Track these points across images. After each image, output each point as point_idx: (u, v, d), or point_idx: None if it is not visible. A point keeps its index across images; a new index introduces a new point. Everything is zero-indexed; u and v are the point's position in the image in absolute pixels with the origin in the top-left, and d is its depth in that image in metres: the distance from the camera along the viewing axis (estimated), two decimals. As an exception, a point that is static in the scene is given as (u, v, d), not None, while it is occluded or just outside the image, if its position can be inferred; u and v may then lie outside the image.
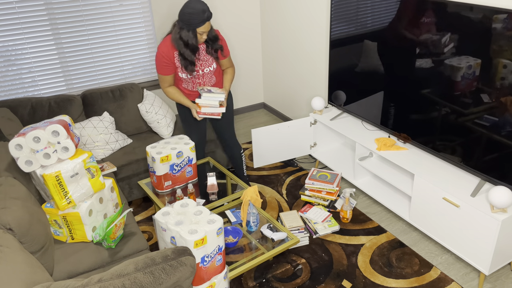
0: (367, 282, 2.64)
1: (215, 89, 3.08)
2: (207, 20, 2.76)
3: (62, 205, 2.34)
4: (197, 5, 2.72)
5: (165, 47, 2.88)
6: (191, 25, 2.75)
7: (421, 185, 2.78)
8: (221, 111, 3.02)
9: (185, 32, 2.79)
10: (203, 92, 3.00)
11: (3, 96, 3.68)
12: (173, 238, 2.19)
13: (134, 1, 3.95)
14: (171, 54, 2.90)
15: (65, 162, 2.38)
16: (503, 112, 2.36)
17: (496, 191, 2.33)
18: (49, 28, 3.67)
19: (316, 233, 3.03)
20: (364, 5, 3.07)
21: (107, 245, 2.40)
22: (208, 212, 2.28)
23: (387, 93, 3.11)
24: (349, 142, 3.95)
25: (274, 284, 2.65)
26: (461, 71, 2.52)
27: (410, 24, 2.77)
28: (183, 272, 1.77)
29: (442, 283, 2.61)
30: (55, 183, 2.31)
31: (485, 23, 2.33)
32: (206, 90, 3.01)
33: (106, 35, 3.93)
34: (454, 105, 2.63)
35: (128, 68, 4.15)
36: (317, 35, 3.93)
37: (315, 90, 4.19)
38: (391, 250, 2.88)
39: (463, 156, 2.67)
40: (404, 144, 3.17)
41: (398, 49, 2.91)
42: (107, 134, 3.43)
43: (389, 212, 3.27)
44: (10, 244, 1.91)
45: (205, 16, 2.73)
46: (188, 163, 3.11)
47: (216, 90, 3.06)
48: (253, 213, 2.77)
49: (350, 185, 3.61)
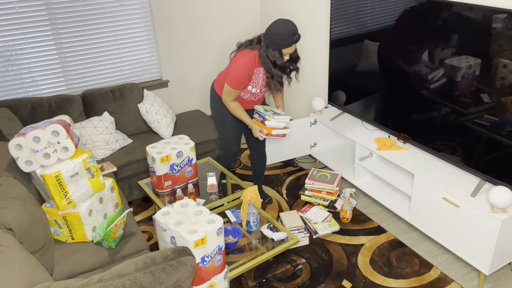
0: (367, 282, 2.64)
1: (276, 109, 3.01)
2: (295, 42, 2.68)
3: (62, 205, 2.34)
4: (287, 26, 2.62)
5: (250, 63, 2.77)
6: (279, 46, 2.67)
7: (421, 185, 2.78)
8: (287, 132, 2.95)
9: (271, 51, 2.71)
10: (269, 114, 2.90)
11: (3, 96, 3.68)
12: (173, 238, 2.19)
13: (134, 1, 3.95)
14: (252, 71, 2.81)
15: (65, 162, 2.38)
16: (503, 112, 2.36)
17: (496, 191, 2.33)
18: (49, 28, 3.67)
19: (316, 233, 3.02)
20: (364, 5, 3.07)
21: (107, 245, 2.40)
22: (208, 212, 2.28)
23: (387, 93, 3.11)
24: (349, 142, 3.95)
25: (274, 284, 2.65)
26: (461, 71, 2.52)
27: (410, 24, 2.77)
28: (183, 272, 1.77)
29: (442, 283, 2.61)
30: (55, 183, 2.31)
31: (485, 23, 2.33)
32: (270, 111, 2.93)
33: (106, 35, 3.93)
34: (454, 105, 2.63)
35: (128, 68, 4.15)
36: (317, 35, 3.93)
37: (315, 90, 4.19)
38: (391, 250, 2.88)
39: (463, 156, 2.67)
40: (404, 144, 3.17)
41: (398, 49, 2.91)
42: (107, 134, 3.43)
43: (389, 212, 3.27)
44: (10, 244, 1.91)
45: (294, 39, 2.65)
46: (188, 163, 3.11)
47: (276, 110, 2.99)
48: (253, 213, 2.77)
49: (350, 185, 3.61)
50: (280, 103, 3.11)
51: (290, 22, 2.64)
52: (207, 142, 3.63)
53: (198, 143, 3.58)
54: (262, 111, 2.96)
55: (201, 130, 3.74)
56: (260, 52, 2.76)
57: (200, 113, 4.11)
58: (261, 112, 2.97)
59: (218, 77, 3.04)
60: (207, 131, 3.73)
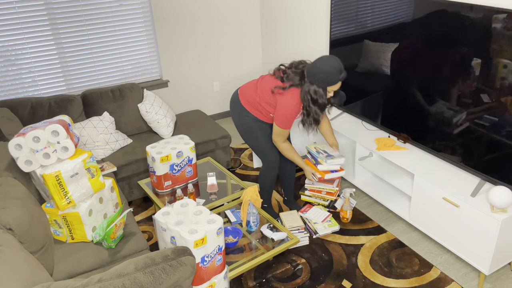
0: (367, 282, 2.64)
1: (329, 149, 2.92)
2: (341, 80, 2.57)
3: (62, 205, 2.34)
4: (333, 63, 2.50)
5: (297, 101, 2.62)
6: (324, 84, 2.54)
7: (421, 185, 2.78)
8: (341, 174, 2.88)
9: (315, 88, 2.56)
10: (321, 157, 2.83)
11: (3, 96, 3.68)
12: (173, 238, 2.19)
13: (134, 1, 3.95)
14: (299, 108, 2.68)
15: (65, 162, 2.38)
16: (503, 112, 2.36)
17: (496, 191, 2.33)
18: (49, 28, 3.67)
19: (316, 233, 3.02)
20: (364, 5, 3.07)
21: (107, 245, 2.40)
22: (208, 212, 2.28)
23: (387, 93, 3.11)
24: (349, 142, 3.94)
25: (274, 284, 2.65)
26: (461, 71, 2.52)
27: (410, 24, 2.77)
28: (183, 272, 1.77)
29: (442, 283, 2.61)
30: (55, 183, 2.31)
31: (485, 23, 2.33)
32: (322, 153, 2.86)
33: (106, 35, 3.93)
34: (454, 105, 2.63)
35: (128, 68, 4.15)
36: (317, 35, 3.93)
37: (315, 90, 4.18)
38: (391, 250, 2.88)
39: (463, 156, 2.67)
40: (404, 144, 3.17)
41: (397, 49, 2.91)
42: (107, 134, 3.43)
43: (389, 212, 3.27)
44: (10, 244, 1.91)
45: (340, 77, 2.53)
46: (188, 163, 3.11)
47: (329, 150, 2.90)
48: (253, 213, 2.77)
49: (350, 185, 3.61)
50: (332, 140, 2.96)
51: (335, 59, 2.52)
52: (207, 142, 3.63)
53: (198, 143, 3.58)
54: (315, 153, 2.89)
55: (201, 130, 3.74)
56: (303, 89, 2.59)
57: (200, 113, 4.11)
58: (313, 153, 2.90)
59: (245, 92, 2.85)
60: (207, 131, 3.73)
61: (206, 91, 4.73)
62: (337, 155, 2.86)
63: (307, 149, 2.96)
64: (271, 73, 2.82)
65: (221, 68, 4.71)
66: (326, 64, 2.51)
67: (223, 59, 4.68)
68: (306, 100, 2.61)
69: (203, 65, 4.58)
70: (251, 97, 2.80)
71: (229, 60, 4.72)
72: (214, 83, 4.73)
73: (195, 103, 4.71)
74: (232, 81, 4.85)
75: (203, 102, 4.76)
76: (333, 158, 2.83)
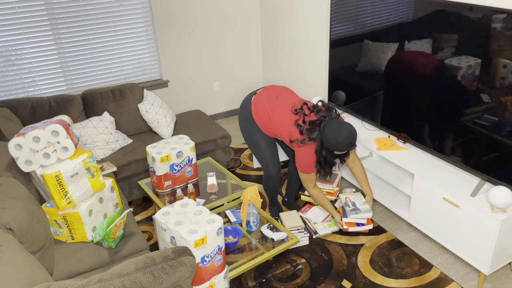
0: (367, 282, 2.64)
1: (360, 200, 2.93)
2: (349, 150, 2.67)
3: (62, 205, 2.34)
4: (349, 138, 2.54)
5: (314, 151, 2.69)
6: (333, 149, 2.61)
7: (421, 185, 2.78)
8: (369, 228, 2.88)
9: (325, 148, 2.63)
10: (348, 210, 2.87)
11: (3, 96, 3.68)
12: (173, 238, 2.19)
13: (134, 1, 3.95)
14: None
15: (65, 162, 2.38)
16: (503, 112, 2.36)
17: (496, 191, 2.33)
18: (49, 28, 3.67)
19: (316, 233, 3.02)
20: (364, 5, 3.07)
21: (107, 245, 2.40)
22: (208, 212, 2.28)
23: (387, 93, 3.11)
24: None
25: (274, 284, 2.65)
26: (461, 71, 2.52)
27: (410, 24, 2.77)
28: (183, 272, 1.77)
29: (442, 283, 2.61)
30: (55, 183, 2.31)
31: (485, 23, 2.33)
32: (349, 205, 2.89)
33: (106, 35, 3.93)
34: (454, 105, 2.63)
35: (128, 68, 4.15)
36: (317, 35, 3.93)
37: (315, 90, 4.19)
38: (391, 250, 2.88)
39: (463, 156, 2.67)
40: (404, 144, 3.17)
41: (397, 49, 2.91)
42: (107, 134, 3.43)
43: (389, 212, 3.27)
44: (10, 244, 1.91)
45: (351, 148, 2.60)
46: (188, 163, 3.11)
47: (360, 203, 2.92)
48: (253, 213, 2.77)
49: (350, 185, 3.61)
50: (367, 190, 2.96)
51: (352, 134, 2.55)
52: (207, 142, 3.63)
53: (198, 143, 3.58)
54: (343, 204, 2.94)
55: (201, 130, 3.74)
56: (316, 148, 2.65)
57: (200, 113, 4.11)
58: (343, 203, 2.94)
59: (258, 107, 2.81)
60: (207, 131, 3.73)
61: (206, 91, 4.73)
62: (364, 209, 2.88)
63: (339, 197, 3.03)
64: (287, 91, 2.82)
65: (221, 68, 4.71)
66: (343, 136, 2.54)
67: (223, 59, 4.68)
68: (318, 156, 2.68)
69: (203, 65, 4.58)
70: (264, 117, 2.80)
71: (229, 60, 4.72)
72: (214, 83, 4.73)
73: (195, 103, 4.71)
74: (232, 81, 4.85)
75: (203, 102, 4.76)
76: (358, 212, 2.86)
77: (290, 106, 2.71)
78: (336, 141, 2.54)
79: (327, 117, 2.63)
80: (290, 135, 2.68)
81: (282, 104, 2.73)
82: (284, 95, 2.79)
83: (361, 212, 2.86)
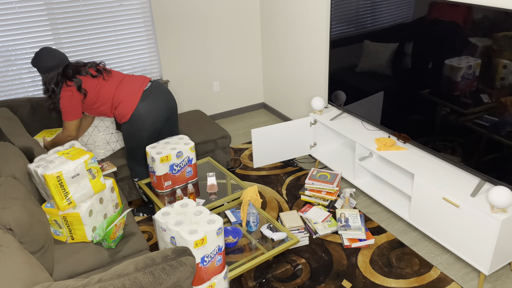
0: (367, 282, 2.64)
1: (354, 216, 3.03)
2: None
3: (63, 205, 2.34)
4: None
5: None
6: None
7: (421, 185, 2.78)
8: (370, 243, 2.91)
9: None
10: (339, 225, 2.96)
11: (3, 96, 3.68)
12: (173, 238, 2.19)
13: (134, 1, 3.95)
14: None
15: (67, 163, 2.38)
16: (503, 112, 2.36)
17: (496, 191, 2.33)
18: (49, 28, 3.67)
19: (316, 233, 3.03)
20: (364, 5, 3.07)
21: (107, 245, 2.40)
22: (208, 212, 2.29)
23: (387, 93, 3.11)
24: (349, 142, 3.95)
25: (274, 284, 2.65)
26: (461, 71, 2.52)
27: (410, 24, 2.77)
28: (183, 272, 1.77)
29: (442, 283, 2.61)
30: (56, 183, 2.31)
31: (485, 23, 2.33)
32: (343, 222, 2.97)
33: (106, 35, 3.94)
34: (454, 105, 2.63)
35: (128, 68, 4.15)
36: (317, 35, 3.93)
37: (315, 90, 4.19)
38: (391, 250, 2.88)
39: (463, 156, 2.67)
40: (404, 144, 3.17)
41: (397, 49, 2.91)
42: (108, 134, 3.43)
43: (389, 212, 3.27)
44: (10, 244, 1.91)
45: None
46: (188, 163, 3.11)
47: (354, 219, 3.01)
48: (253, 213, 2.77)
49: (350, 185, 3.61)
50: None
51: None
52: (207, 142, 3.63)
53: (198, 143, 3.58)
54: (337, 218, 3.01)
55: (201, 130, 3.74)
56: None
57: (200, 113, 4.11)
58: (337, 218, 3.02)
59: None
60: (207, 131, 3.73)
61: (206, 91, 4.73)
62: (355, 227, 2.95)
63: (336, 212, 3.11)
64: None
65: (221, 68, 4.72)
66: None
67: (223, 59, 4.69)
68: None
69: (203, 65, 4.58)
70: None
71: (229, 60, 4.73)
72: (214, 83, 4.73)
73: (195, 103, 4.71)
74: (232, 81, 4.85)
75: (203, 102, 4.76)
76: (348, 229, 2.95)
77: None
78: None
79: None
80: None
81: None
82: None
83: (350, 230, 2.92)
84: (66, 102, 2.88)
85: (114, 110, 2.98)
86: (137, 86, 2.97)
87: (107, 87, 2.95)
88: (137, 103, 2.93)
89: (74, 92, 2.86)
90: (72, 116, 2.93)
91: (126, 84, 2.98)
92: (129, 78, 3.02)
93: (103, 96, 2.94)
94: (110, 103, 2.96)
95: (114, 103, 2.95)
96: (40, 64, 2.82)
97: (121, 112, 2.95)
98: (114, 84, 2.97)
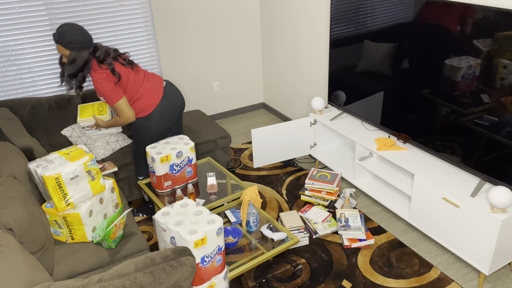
0: (367, 282, 2.64)
1: (354, 217, 3.05)
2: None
3: (61, 206, 2.34)
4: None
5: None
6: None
7: (421, 185, 2.78)
8: (369, 243, 2.93)
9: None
10: (339, 225, 2.97)
11: (3, 96, 3.68)
12: (173, 238, 2.19)
13: (134, 1, 3.95)
14: None
15: (66, 164, 2.38)
16: (503, 112, 2.36)
17: (496, 191, 2.33)
18: (49, 28, 3.67)
19: (316, 233, 3.02)
20: (364, 5, 3.07)
21: (107, 245, 2.40)
22: (208, 212, 2.29)
23: (387, 93, 3.11)
24: (349, 142, 3.95)
25: (274, 284, 2.65)
26: (461, 71, 2.52)
27: (410, 24, 2.77)
28: (183, 272, 1.77)
29: (442, 283, 2.61)
30: (54, 185, 2.31)
31: (485, 23, 2.33)
32: (342, 222, 2.98)
33: (106, 35, 3.93)
34: (454, 105, 2.63)
35: (128, 68, 4.15)
36: (317, 35, 3.93)
37: (315, 90, 4.19)
38: (391, 250, 2.88)
39: (463, 156, 2.67)
40: (404, 144, 3.17)
41: (397, 49, 2.91)
42: (108, 134, 3.43)
43: (389, 212, 3.27)
44: (10, 244, 1.91)
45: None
46: (188, 163, 3.11)
47: (354, 220, 3.02)
48: (253, 213, 2.77)
49: (350, 185, 3.61)
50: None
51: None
52: (207, 142, 3.63)
53: (198, 143, 3.58)
54: (337, 219, 3.02)
55: (201, 130, 3.74)
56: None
57: (200, 113, 4.11)
58: (337, 218, 3.03)
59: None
60: (207, 131, 3.73)
61: (206, 91, 4.73)
62: (355, 227, 2.96)
63: (336, 212, 3.12)
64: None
65: (221, 68, 4.71)
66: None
67: (223, 59, 4.68)
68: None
69: (203, 65, 4.58)
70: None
71: (229, 60, 4.73)
72: (214, 83, 4.73)
73: (195, 103, 4.71)
74: (232, 81, 4.85)
75: (203, 102, 4.76)
76: (348, 229, 2.95)
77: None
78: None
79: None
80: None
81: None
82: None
83: (350, 230, 2.91)
84: (103, 86, 2.77)
85: (133, 103, 2.94)
86: (157, 83, 3.00)
87: (136, 78, 2.92)
88: (160, 99, 2.95)
89: (108, 75, 2.77)
90: (116, 97, 2.82)
91: (150, 79, 2.99)
92: (150, 74, 3.04)
93: (130, 86, 2.90)
94: (132, 95, 2.92)
95: (137, 96, 2.92)
96: (73, 39, 2.66)
97: (141, 106, 2.94)
98: (141, 77, 2.95)
